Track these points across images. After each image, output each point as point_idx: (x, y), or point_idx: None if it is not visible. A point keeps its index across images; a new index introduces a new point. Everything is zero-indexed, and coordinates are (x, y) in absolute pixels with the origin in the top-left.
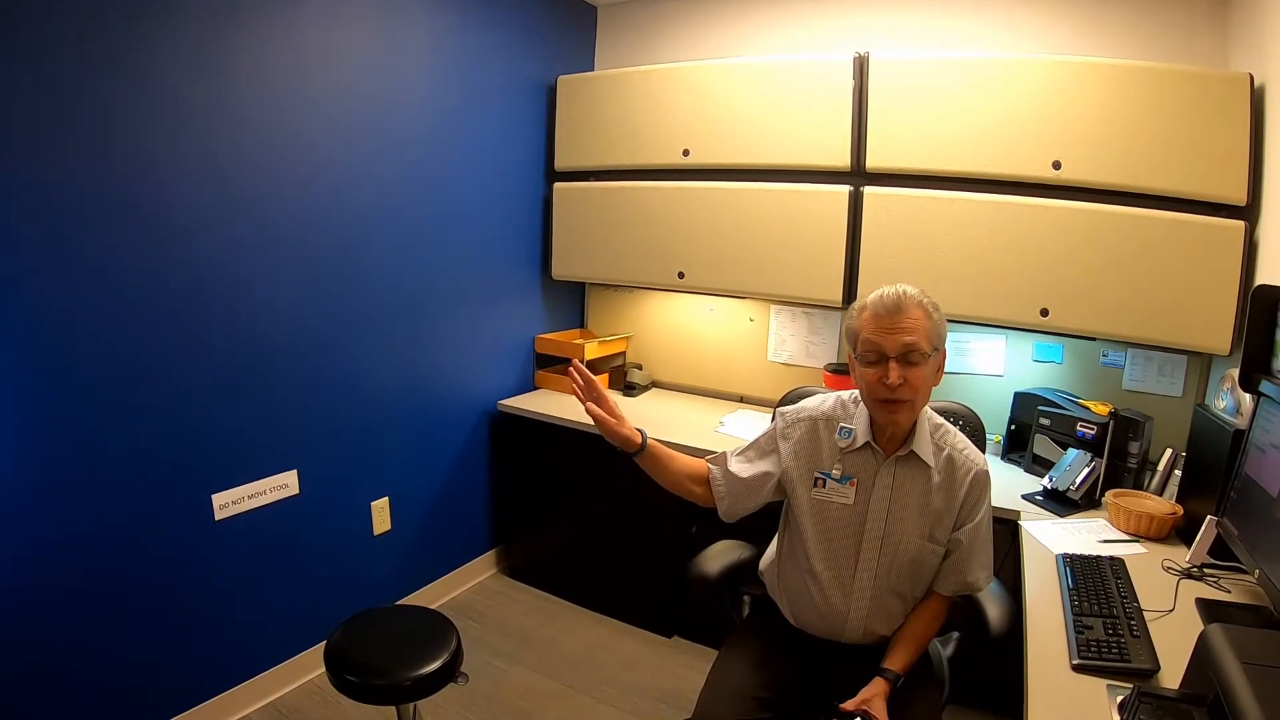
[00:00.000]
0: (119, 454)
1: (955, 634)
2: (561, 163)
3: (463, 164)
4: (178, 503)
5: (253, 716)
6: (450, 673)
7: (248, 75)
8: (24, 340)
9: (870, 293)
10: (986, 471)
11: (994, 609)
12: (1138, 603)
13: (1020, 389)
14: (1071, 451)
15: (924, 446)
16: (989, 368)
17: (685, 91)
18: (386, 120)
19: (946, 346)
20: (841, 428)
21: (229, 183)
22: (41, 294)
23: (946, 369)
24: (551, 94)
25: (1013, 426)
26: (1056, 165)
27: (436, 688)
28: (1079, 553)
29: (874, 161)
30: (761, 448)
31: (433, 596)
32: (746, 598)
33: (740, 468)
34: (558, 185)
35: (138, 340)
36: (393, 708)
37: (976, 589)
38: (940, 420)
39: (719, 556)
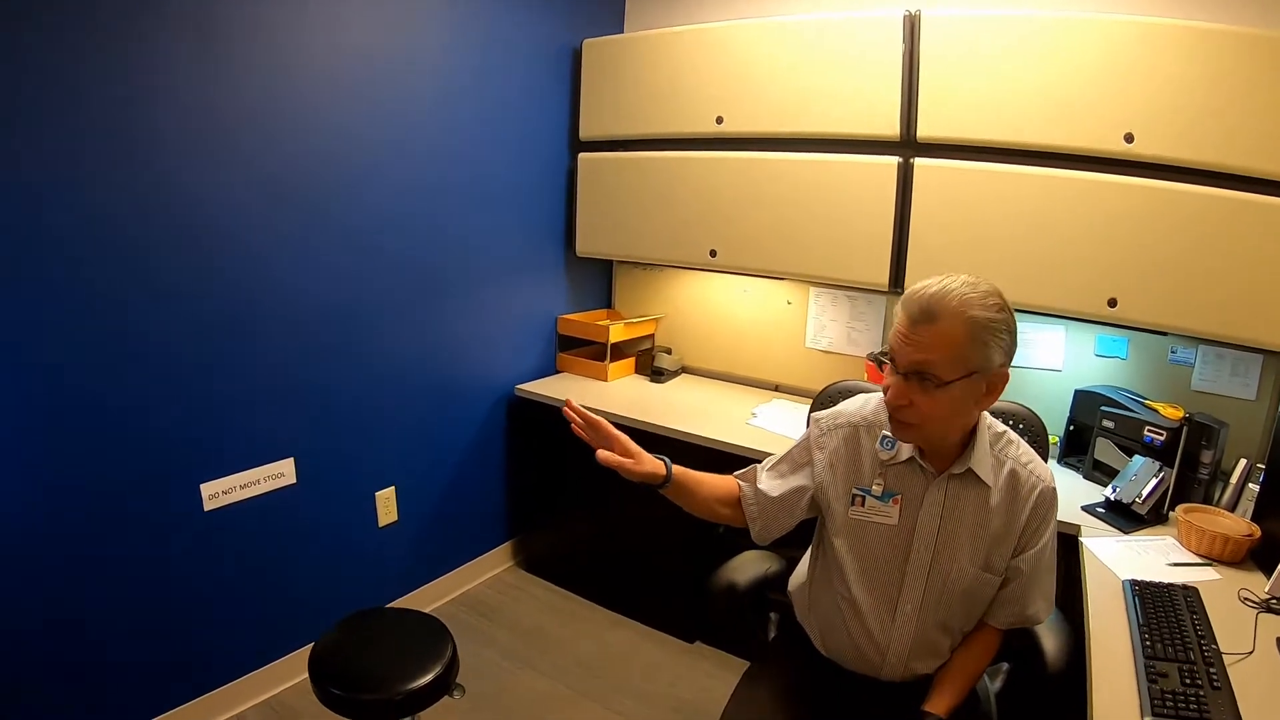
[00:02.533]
0: (98, 438)
1: (1005, 666)
2: (586, 132)
3: (479, 133)
4: (163, 492)
5: (247, 714)
6: (444, 686)
7: (253, 43)
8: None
9: (926, 279)
10: (1054, 489)
11: (1051, 641)
12: (1216, 644)
13: (1080, 386)
14: (1137, 459)
15: (982, 462)
16: (1046, 361)
17: (719, 54)
18: (397, 85)
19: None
20: (884, 436)
21: (226, 149)
22: (26, 271)
23: None
24: (577, 59)
25: (1071, 427)
26: (1128, 138)
27: (428, 703)
28: (1148, 579)
29: (926, 130)
30: (794, 460)
31: (443, 591)
32: (774, 615)
33: (771, 484)
34: (582, 156)
35: (115, 312)
36: None
37: (1036, 622)
38: (1002, 428)
39: (746, 568)
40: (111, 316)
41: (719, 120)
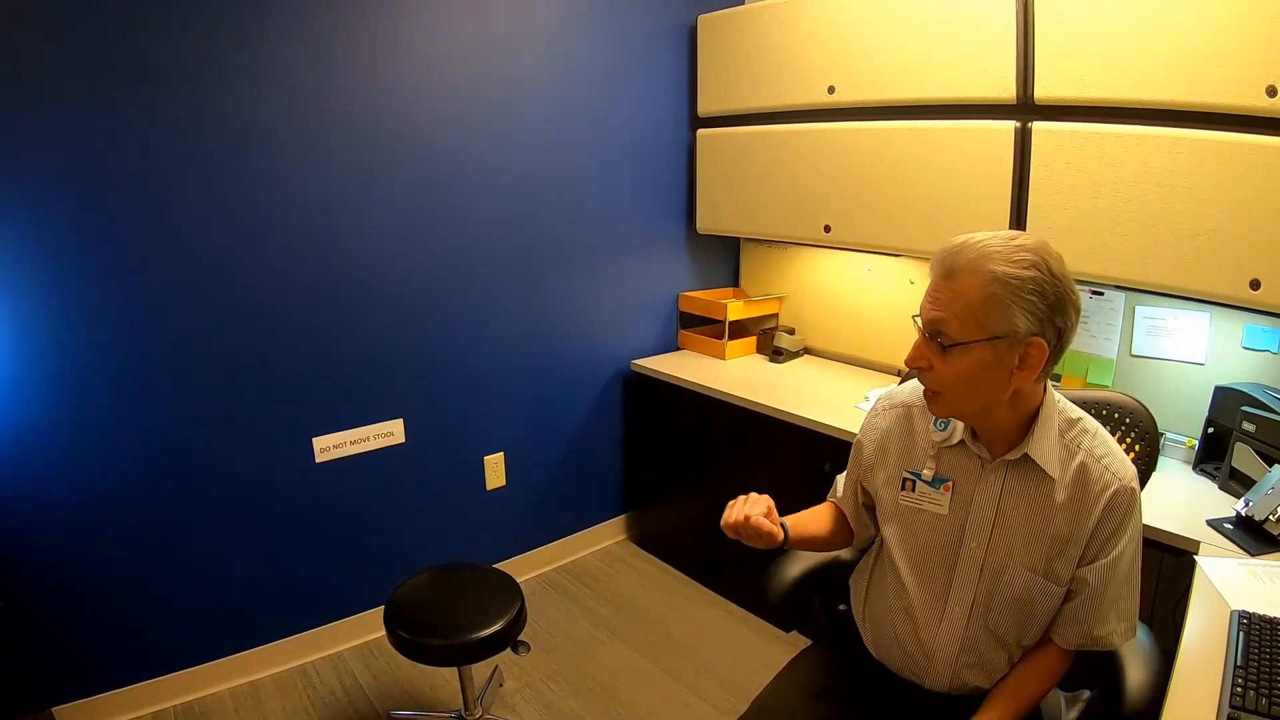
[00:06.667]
0: (220, 390)
1: (1086, 693)
2: (704, 108)
3: (598, 111)
4: (277, 442)
5: (345, 654)
6: (505, 640)
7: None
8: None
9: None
10: (1134, 490)
11: (1137, 671)
12: None
13: (1223, 383)
14: (1278, 469)
15: (1044, 449)
16: (1186, 353)
17: (830, 21)
18: (506, 67)
19: (1061, 334)
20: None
21: (338, 121)
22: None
23: (1135, 351)
24: (693, 35)
25: (1210, 430)
26: (1271, 92)
27: (487, 654)
28: (1262, 613)
29: (1044, 91)
30: (854, 453)
31: (550, 557)
32: (843, 607)
33: (842, 481)
34: (700, 132)
35: (246, 275)
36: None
37: (1108, 646)
38: (1078, 415)
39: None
40: (239, 283)
41: (830, 90)
